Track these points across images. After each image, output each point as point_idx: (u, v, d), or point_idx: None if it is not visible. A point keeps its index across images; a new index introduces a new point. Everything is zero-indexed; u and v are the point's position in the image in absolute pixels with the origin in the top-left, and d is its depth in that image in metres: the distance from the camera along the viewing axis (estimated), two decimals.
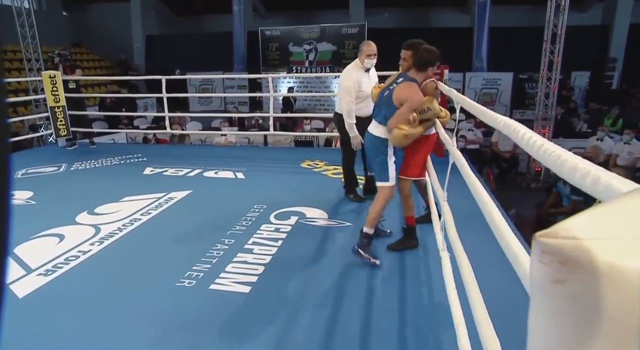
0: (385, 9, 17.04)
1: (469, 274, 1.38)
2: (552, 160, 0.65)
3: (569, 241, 0.31)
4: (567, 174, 0.59)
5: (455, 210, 2.08)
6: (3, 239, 0.37)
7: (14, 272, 2.73)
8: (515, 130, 0.90)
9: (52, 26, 17.21)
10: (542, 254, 0.33)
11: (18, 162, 5.59)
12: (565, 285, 0.32)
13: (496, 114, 1.17)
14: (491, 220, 1.04)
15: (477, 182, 1.36)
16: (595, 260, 0.31)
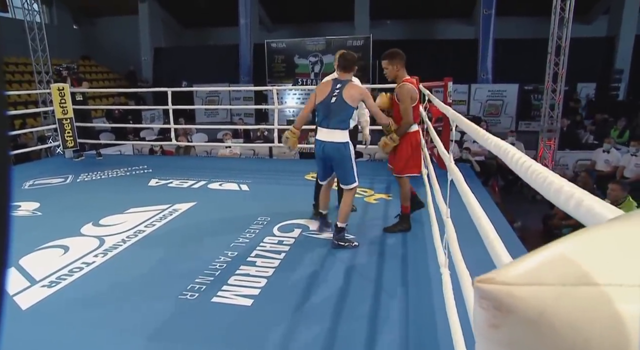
0: (390, 20, 17.18)
1: (470, 293, 1.37)
2: (539, 182, 0.65)
3: (503, 287, 0.32)
4: (553, 195, 0.59)
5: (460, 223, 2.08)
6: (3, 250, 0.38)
7: (18, 284, 2.75)
8: (505, 152, 0.91)
9: (63, 39, 17.52)
10: (481, 299, 0.33)
11: (26, 173, 5.65)
12: (500, 330, 0.32)
13: (488, 134, 1.18)
14: (485, 237, 1.04)
15: (472, 198, 1.36)
16: (526, 307, 0.31)
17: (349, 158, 3.06)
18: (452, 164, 1.86)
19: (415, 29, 17.29)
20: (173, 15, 19.44)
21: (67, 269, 2.94)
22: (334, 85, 3.13)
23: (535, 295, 0.31)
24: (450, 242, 1.83)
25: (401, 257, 3.05)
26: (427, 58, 14.28)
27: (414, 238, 3.38)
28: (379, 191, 4.62)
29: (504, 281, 0.32)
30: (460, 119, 1.81)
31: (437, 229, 2.69)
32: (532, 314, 0.31)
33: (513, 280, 0.32)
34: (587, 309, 0.30)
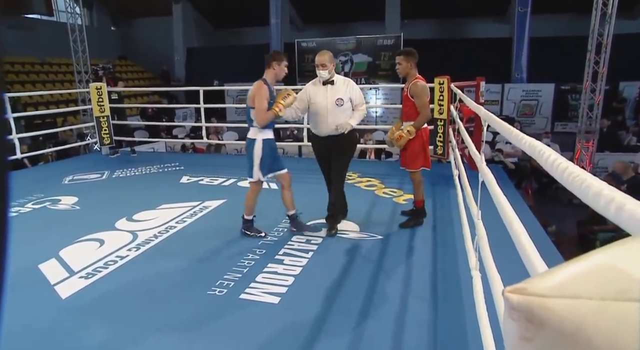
0: (422, 20, 16.94)
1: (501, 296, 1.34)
2: (576, 185, 0.63)
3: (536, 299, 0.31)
4: (591, 200, 0.57)
5: (491, 225, 2.03)
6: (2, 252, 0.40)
7: (59, 274, 2.87)
8: (540, 152, 0.88)
9: (101, 40, 18.12)
10: (511, 310, 0.32)
11: (66, 169, 5.89)
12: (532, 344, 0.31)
13: (521, 134, 1.14)
14: (517, 241, 1.01)
15: (503, 200, 1.33)
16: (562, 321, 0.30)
17: (251, 154, 3.26)
18: (483, 164, 1.81)
19: (447, 28, 17.00)
20: (205, 15, 19.79)
21: (103, 261, 3.05)
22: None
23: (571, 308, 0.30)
24: (481, 244, 1.79)
25: (430, 259, 3.01)
26: (458, 57, 14.02)
27: (444, 239, 3.33)
28: (409, 191, 4.57)
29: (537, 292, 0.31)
30: (493, 119, 1.77)
31: (467, 231, 2.64)
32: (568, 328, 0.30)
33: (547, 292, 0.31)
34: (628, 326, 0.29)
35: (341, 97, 3.30)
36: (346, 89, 3.34)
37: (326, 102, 3.30)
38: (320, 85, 3.36)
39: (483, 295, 1.77)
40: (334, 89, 3.33)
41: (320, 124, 3.36)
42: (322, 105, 3.31)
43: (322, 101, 3.32)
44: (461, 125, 3.79)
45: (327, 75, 3.30)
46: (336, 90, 3.32)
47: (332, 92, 3.32)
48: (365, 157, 7.26)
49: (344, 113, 3.31)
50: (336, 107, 3.29)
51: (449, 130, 4.99)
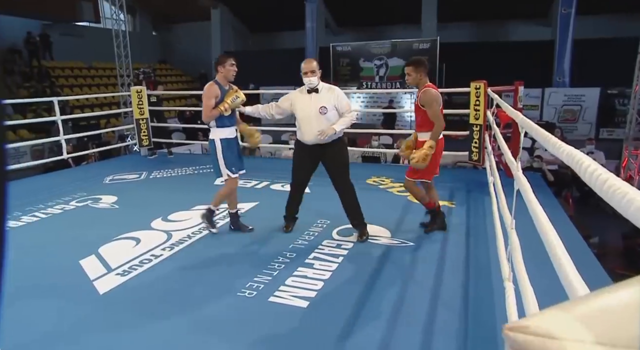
0: (460, 23, 16.65)
1: (534, 310, 1.29)
2: (616, 199, 0.60)
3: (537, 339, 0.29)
4: (632, 214, 0.54)
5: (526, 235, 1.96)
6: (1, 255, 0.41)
7: (97, 270, 2.99)
8: (578, 162, 0.84)
9: (143, 45, 18.79)
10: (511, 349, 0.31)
11: (107, 169, 6.13)
12: None
13: (559, 142, 1.09)
14: (553, 254, 0.97)
15: (539, 210, 1.28)
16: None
17: (214, 154, 3.42)
18: (519, 172, 1.76)
19: (485, 31, 16.63)
20: (242, 20, 20.17)
21: (138, 259, 3.15)
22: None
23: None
24: (514, 255, 1.73)
25: (462, 267, 2.94)
26: (497, 61, 13.67)
27: (477, 248, 3.24)
28: (441, 198, 4.48)
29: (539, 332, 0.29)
30: (530, 125, 1.71)
31: (501, 240, 2.56)
32: None
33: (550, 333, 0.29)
34: None
35: (324, 105, 3.32)
36: (330, 97, 3.35)
37: (310, 110, 3.33)
38: (305, 93, 3.39)
39: (516, 308, 1.71)
40: (318, 97, 3.35)
41: (305, 132, 3.39)
42: (306, 113, 3.35)
43: (306, 109, 3.35)
44: (497, 131, 3.69)
45: (316, 81, 3.34)
46: (320, 99, 3.35)
47: (316, 100, 3.34)
48: (398, 162, 7.18)
49: (328, 121, 3.32)
50: (320, 116, 3.31)
51: (485, 136, 4.87)
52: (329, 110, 3.32)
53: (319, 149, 3.40)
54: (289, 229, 3.66)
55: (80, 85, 15.99)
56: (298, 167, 3.56)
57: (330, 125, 3.31)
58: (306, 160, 3.50)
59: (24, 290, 2.76)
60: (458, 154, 5.87)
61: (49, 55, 16.02)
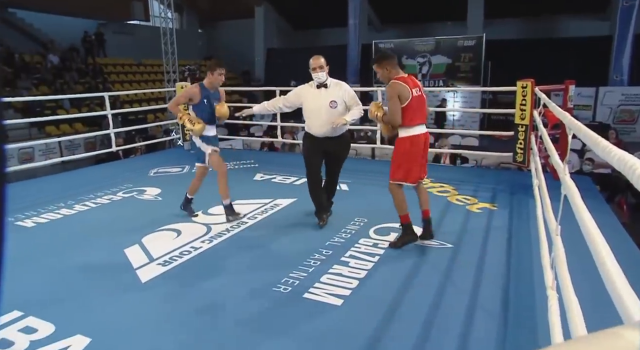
0: (507, 19, 16.06)
1: (579, 321, 1.22)
2: None
3: None
4: None
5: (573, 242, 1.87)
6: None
7: (140, 259, 3.11)
8: (631, 168, 0.78)
9: (189, 43, 19.34)
10: None
11: (152, 162, 6.36)
12: None
13: (610, 145, 1.03)
14: (600, 264, 0.92)
15: (586, 216, 1.21)
16: None
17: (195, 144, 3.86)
18: (566, 176, 1.67)
19: (535, 27, 15.96)
20: (285, 17, 20.34)
21: (178, 251, 3.25)
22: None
23: None
24: (558, 263, 1.65)
25: (503, 272, 2.84)
26: (547, 59, 13.10)
27: (519, 253, 3.13)
28: (484, 200, 4.36)
29: None
30: (578, 127, 1.62)
31: (545, 246, 2.45)
32: None
33: None
34: None
35: (334, 99, 3.48)
36: (339, 92, 3.51)
37: (320, 104, 3.49)
38: (315, 88, 3.54)
39: (559, 318, 1.63)
40: (327, 92, 3.50)
41: (315, 125, 3.56)
42: (316, 107, 3.50)
43: (316, 103, 3.51)
44: (544, 132, 3.53)
45: (324, 77, 3.49)
46: (330, 93, 3.50)
47: (326, 95, 3.49)
48: (439, 161, 7.03)
49: (338, 114, 3.47)
50: (330, 109, 3.47)
51: (531, 136, 4.68)
52: (338, 105, 3.48)
53: (326, 141, 3.57)
54: (324, 222, 3.68)
55: (130, 81, 16.66)
56: (310, 159, 3.69)
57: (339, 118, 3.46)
58: (317, 152, 3.64)
59: (72, 274, 2.91)
60: (502, 155, 5.68)
61: (102, 52, 16.82)
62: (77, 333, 2.21)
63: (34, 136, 11.16)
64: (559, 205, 1.86)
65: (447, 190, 4.74)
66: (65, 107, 12.66)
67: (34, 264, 3.09)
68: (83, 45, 15.95)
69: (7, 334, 2.23)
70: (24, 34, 15.25)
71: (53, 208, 4.31)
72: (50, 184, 5.39)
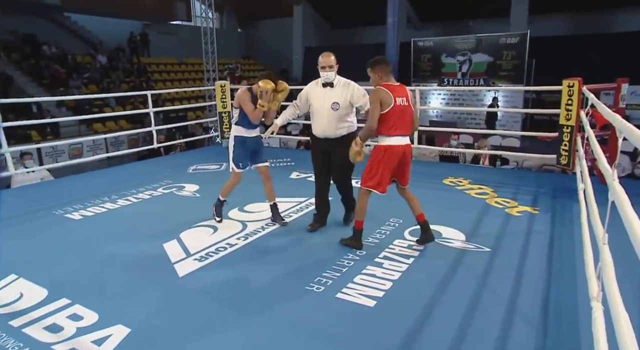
0: (554, 14, 15.42)
1: (629, 338, 1.15)
2: None
3: None
4: None
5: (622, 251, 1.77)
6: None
7: (178, 254, 3.20)
8: None
9: (229, 42, 19.71)
10: None
11: (191, 159, 6.53)
12: None
13: None
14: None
15: (636, 225, 1.14)
16: None
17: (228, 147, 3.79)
18: (615, 181, 1.58)
19: (584, 23, 15.24)
20: (323, 16, 20.35)
21: (214, 247, 3.31)
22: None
23: None
24: (605, 273, 1.57)
25: (544, 279, 2.73)
26: (596, 56, 12.49)
27: (561, 260, 3.00)
28: (524, 203, 4.21)
29: None
30: (629, 129, 1.53)
31: (590, 255, 2.34)
32: None
33: None
34: None
35: (337, 101, 3.38)
36: (345, 92, 3.40)
37: (323, 104, 3.41)
38: (321, 87, 3.45)
39: (605, 332, 1.55)
40: (332, 91, 3.41)
41: (316, 126, 3.52)
42: (319, 107, 3.44)
43: (319, 103, 3.44)
44: (591, 134, 3.37)
45: (332, 76, 3.40)
46: (334, 94, 3.40)
47: (330, 96, 3.41)
48: (478, 162, 6.85)
49: (339, 118, 3.41)
50: (331, 111, 3.39)
51: (577, 138, 4.48)
52: (341, 107, 3.39)
53: (327, 142, 3.51)
54: (313, 228, 3.62)
55: (172, 80, 17.16)
56: (314, 160, 3.69)
57: (340, 121, 3.42)
58: (319, 154, 3.61)
59: (115, 266, 3.03)
60: (544, 157, 5.46)
61: (147, 52, 17.42)
62: (119, 323, 2.30)
63: (82, 133, 11.71)
64: (607, 212, 1.77)
65: (486, 192, 4.61)
66: (111, 105, 13.20)
67: (80, 255, 3.24)
68: (129, 46, 16.59)
69: (57, 320, 2.36)
70: (76, 36, 16.05)
71: (98, 202, 4.50)
72: (96, 179, 5.63)
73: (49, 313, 2.43)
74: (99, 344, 2.14)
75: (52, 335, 2.23)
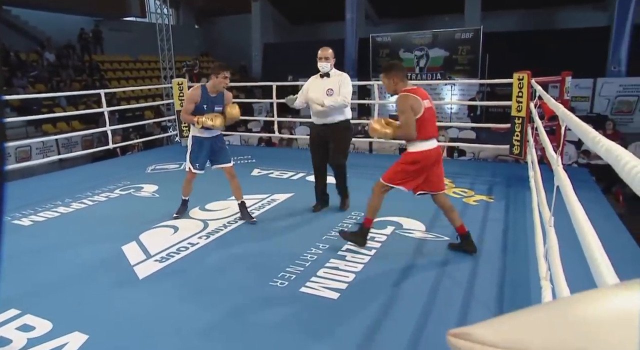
0: (506, 11, 15.98)
1: None
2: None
3: (478, 347, 0.28)
4: None
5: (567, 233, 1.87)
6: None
7: (138, 256, 3.12)
8: (617, 158, 0.78)
9: (186, 38, 19.23)
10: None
11: (149, 158, 6.36)
12: None
13: (600, 136, 1.03)
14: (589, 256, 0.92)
15: (577, 207, 1.22)
16: None
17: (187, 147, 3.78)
18: (559, 167, 1.67)
19: (533, 19, 15.89)
20: (282, 12, 20.23)
21: (176, 247, 3.25)
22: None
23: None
24: (551, 253, 1.66)
25: (498, 264, 2.85)
26: (544, 51, 13.05)
27: (515, 245, 3.14)
28: (480, 192, 4.37)
29: (482, 340, 0.29)
30: (570, 118, 1.62)
31: (540, 238, 2.46)
32: None
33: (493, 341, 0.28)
34: None
35: (331, 87, 3.75)
36: (337, 80, 3.76)
37: (319, 91, 3.75)
38: (319, 78, 3.83)
39: None
40: (328, 81, 3.78)
41: (313, 112, 3.85)
42: (316, 94, 3.77)
43: (317, 90, 3.78)
44: (540, 124, 3.53)
45: (328, 67, 3.75)
46: (329, 82, 3.77)
47: (326, 84, 3.77)
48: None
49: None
50: (326, 97, 3.73)
51: (527, 129, 4.68)
52: (335, 93, 3.73)
53: (325, 128, 3.80)
54: (317, 209, 3.96)
55: (127, 78, 16.60)
56: (312, 148, 3.96)
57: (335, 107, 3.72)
58: (317, 140, 3.89)
59: (70, 271, 2.92)
60: (499, 148, 5.68)
61: (100, 49, 16.73)
62: (75, 330, 2.22)
63: (30, 134, 11.13)
64: (552, 196, 1.87)
65: (445, 183, 4.73)
66: (61, 105, 12.63)
67: (31, 262, 3.10)
68: (79, 43, 15.86)
69: (5, 332, 2.23)
70: (19, 31, 15.15)
71: (50, 206, 4.31)
72: (48, 182, 5.39)
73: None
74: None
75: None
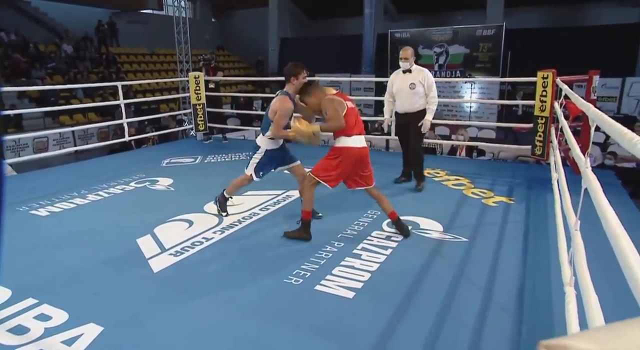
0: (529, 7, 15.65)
1: (598, 319, 1.16)
2: None
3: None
4: None
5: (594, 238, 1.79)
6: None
7: (152, 249, 3.10)
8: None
9: (203, 32, 19.30)
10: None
11: (165, 152, 6.38)
12: None
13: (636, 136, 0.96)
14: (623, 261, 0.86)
15: (609, 211, 1.15)
16: None
17: (253, 153, 3.57)
18: (587, 169, 1.59)
19: (558, 16, 15.53)
20: (300, 6, 20.14)
21: (190, 241, 3.24)
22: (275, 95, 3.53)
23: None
24: (577, 259, 1.58)
25: (519, 267, 2.77)
26: (570, 49, 12.75)
27: (536, 248, 3.05)
28: (500, 193, 4.27)
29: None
30: (602, 118, 1.54)
31: (564, 242, 2.38)
32: None
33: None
34: None
35: (413, 82, 4.30)
36: (419, 75, 4.30)
37: (403, 86, 4.33)
38: (401, 73, 4.40)
39: (577, 316, 1.57)
40: (411, 76, 4.33)
41: (399, 103, 4.44)
42: (400, 88, 4.36)
43: (401, 85, 4.37)
44: (565, 124, 3.42)
45: (407, 66, 4.32)
46: (412, 77, 4.32)
47: (409, 78, 4.32)
48: (455, 154, 6.92)
49: (416, 94, 4.30)
50: (410, 90, 4.31)
51: (551, 129, 4.55)
52: (417, 86, 4.28)
53: (407, 116, 4.41)
54: (400, 181, 4.67)
55: (143, 71, 16.74)
56: (400, 133, 4.62)
57: (417, 98, 4.30)
58: (403, 126, 4.51)
59: (86, 262, 2.92)
60: (520, 148, 5.55)
61: (115, 42, 16.87)
62: (90, 321, 2.22)
63: (48, 126, 11.29)
64: (579, 199, 1.79)
65: (463, 183, 4.65)
66: (78, 97, 12.78)
67: (47, 252, 3.12)
68: (96, 35, 16.02)
69: (23, 321, 2.25)
70: (38, 23, 15.34)
71: (67, 197, 4.35)
72: (64, 174, 5.44)
73: (14, 314, 2.32)
74: (70, 344, 2.06)
75: (17, 338, 2.13)
